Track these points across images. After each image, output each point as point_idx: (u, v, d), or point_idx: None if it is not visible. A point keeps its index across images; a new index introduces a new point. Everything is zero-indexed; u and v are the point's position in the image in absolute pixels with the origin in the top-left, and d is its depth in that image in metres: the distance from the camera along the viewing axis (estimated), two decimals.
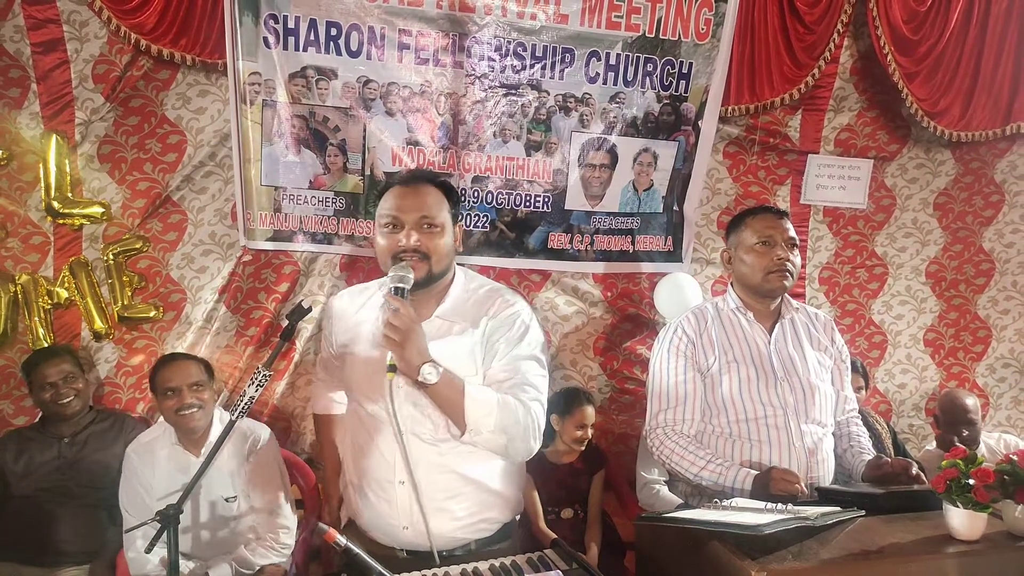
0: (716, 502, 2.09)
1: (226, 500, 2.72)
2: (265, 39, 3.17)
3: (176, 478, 2.66)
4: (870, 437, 3.17)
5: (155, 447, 2.73)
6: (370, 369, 2.01)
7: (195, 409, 2.67)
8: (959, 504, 1.77)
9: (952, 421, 3.56)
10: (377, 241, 2.03)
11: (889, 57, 3.64)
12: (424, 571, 1.77)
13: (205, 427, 2.73)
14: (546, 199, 3.60)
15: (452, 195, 2.11)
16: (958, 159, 4.06)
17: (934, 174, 4.06)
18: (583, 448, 3.18)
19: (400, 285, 1.88)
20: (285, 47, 3.20)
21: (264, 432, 2.85)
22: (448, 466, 1.99)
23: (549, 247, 3.67)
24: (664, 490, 3.19)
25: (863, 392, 3.60)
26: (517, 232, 3.62)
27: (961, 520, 1.78)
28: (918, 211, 4.09)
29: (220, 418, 2.80)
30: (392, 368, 1.82)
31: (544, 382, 2.07)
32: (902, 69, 3.67)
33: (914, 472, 2.21)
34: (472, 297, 2.10)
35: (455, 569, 1.78)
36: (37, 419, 3.11)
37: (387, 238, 1.99)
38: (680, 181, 3.78)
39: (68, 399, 2.98)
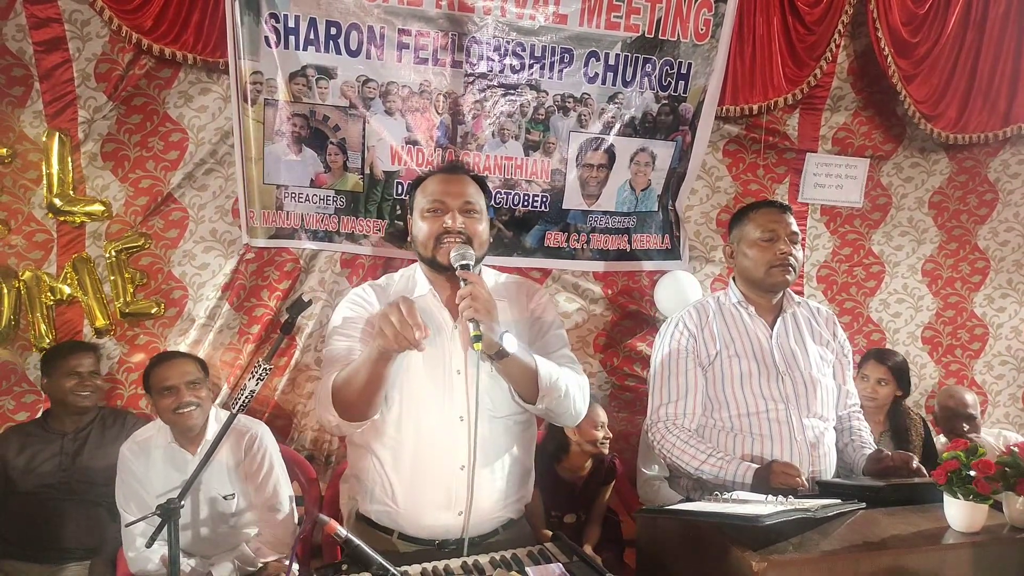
0: (717, 495, 2.10)
1: (224, 497, 2.72)
2: (266, 38, 3.17)
3: (172, 476, 2.66)
4: (902, 437, 3.13)
5: (150, 445, 2.72)
6: (428, 354, 1.96)
7: (192, 407, 2.66)
8: (960, 496, 1.77)
9: (951, 417, 3.57)
10: (418, 226, 2.06)
11: (889, 59, 3.64)
12: (424, 564, 1.76)
13: (202, 425, 2.73)
14: (544, 198, 3.61)
15: (486, 190, 2.17)
16: (952, 158, 4.08)
17: (929, 173, 4.09)
18: (605, 450, 3.09)
19: (465, 261, 1.90)
20: (285, 46, 3.20)
21: (260, 428, 2.84)
22: (504, 445, 2.03)
23: (546, 245, 3.67)
24: (665, 487, 3.18)
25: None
26: (515, 231, 3.63)
27: (962, 512, 1.78)
28: (914, 210, 4.11)
29: (216, 416, 2.80)
30: (478, 339, 1.77)
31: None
32: (901, 71, 3.67)
33: (915, 465, 2.22)
34: (493, 284, 2.15)
35: (455, 562, 1.78)
36: (40, 415, 3.11)
37: (431, 221, 2.02)
38: (675, 180, 3.79)
39: (87, 393, 3.00)
